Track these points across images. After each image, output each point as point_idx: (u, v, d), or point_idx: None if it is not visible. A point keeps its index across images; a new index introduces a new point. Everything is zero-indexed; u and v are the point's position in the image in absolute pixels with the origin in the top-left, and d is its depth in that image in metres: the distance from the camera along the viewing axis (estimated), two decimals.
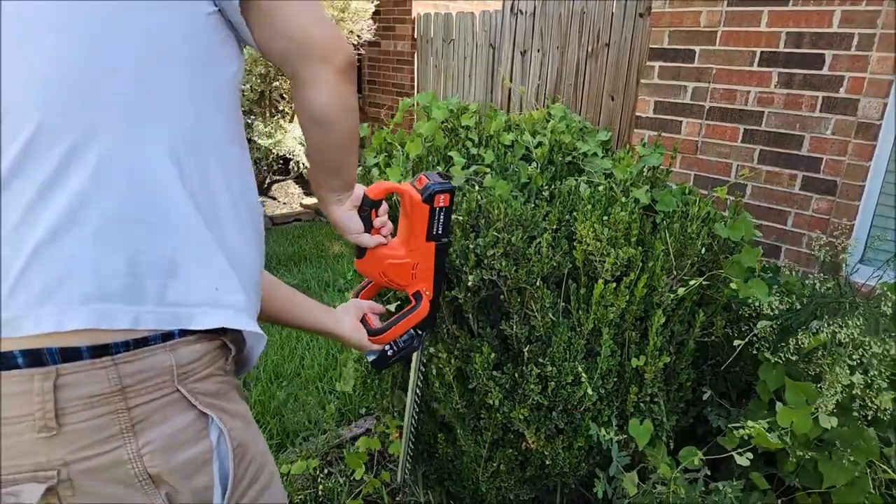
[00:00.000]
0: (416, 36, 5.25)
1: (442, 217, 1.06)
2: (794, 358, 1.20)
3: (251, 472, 0.68)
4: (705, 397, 1.47)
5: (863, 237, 2.25)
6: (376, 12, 5.32)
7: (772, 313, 1.25)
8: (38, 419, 0.54)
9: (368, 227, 0.98)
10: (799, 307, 1.25)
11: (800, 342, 1.18)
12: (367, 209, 0.96)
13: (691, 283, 1.36)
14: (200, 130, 0.66)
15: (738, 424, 1.21)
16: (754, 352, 1.35)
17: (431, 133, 1.53)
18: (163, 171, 0.62)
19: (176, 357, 0.62)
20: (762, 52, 2.39)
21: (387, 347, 1.14)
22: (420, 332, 1.18)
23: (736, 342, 1.32)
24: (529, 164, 1.47)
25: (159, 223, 0.62)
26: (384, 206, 1.00)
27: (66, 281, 0.58)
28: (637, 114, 2.87)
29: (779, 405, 1.21)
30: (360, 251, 1.03)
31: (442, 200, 1.04)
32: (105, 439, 0.56)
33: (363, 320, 1.12)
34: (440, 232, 1.08)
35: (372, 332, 1.11)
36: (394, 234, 1.08)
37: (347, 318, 1.10)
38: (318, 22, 0.74)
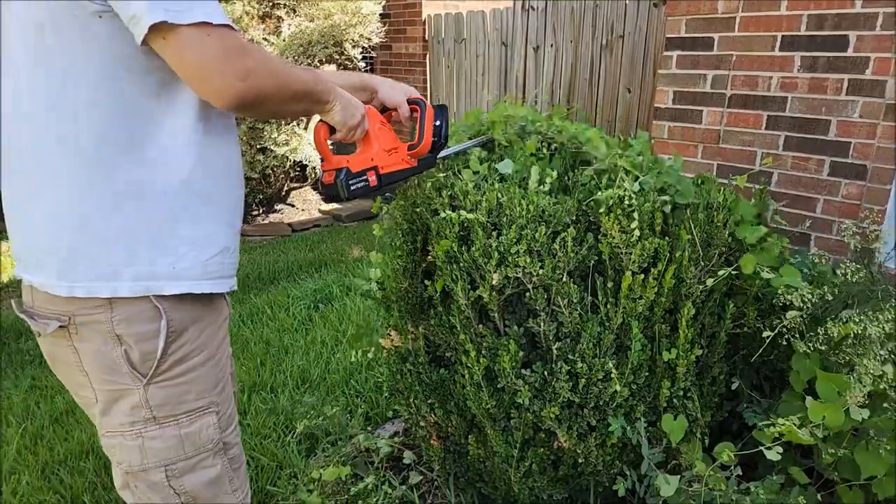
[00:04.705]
0: (427, 37, 5.25)
1: None
2: (823, 348, 1.16)
3: (182, 352, 0.93)
4: (734, 387, 1.43)
5: (893, 222, 2.18)
6: (386, 15, 5.32)
7: (801, 304, 1.22)
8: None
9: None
10: (831, 298, 1.21)
11: (829, 331, 1.15)
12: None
13: (720, 273, 1.33)
14: None
15: (768, 422, 1.18)
16: (788, 340, 1.31)
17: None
18: None
19: None
20: (783, 37, 2.34)
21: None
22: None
23: (766, 333, 1.29)
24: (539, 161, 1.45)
25: None
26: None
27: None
28: (656, 105, 2.83)
29: (809, 399, 1.18)
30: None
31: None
32: (93, 307, 0.88)
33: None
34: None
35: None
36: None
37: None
38: (196, 62, 0.78)
